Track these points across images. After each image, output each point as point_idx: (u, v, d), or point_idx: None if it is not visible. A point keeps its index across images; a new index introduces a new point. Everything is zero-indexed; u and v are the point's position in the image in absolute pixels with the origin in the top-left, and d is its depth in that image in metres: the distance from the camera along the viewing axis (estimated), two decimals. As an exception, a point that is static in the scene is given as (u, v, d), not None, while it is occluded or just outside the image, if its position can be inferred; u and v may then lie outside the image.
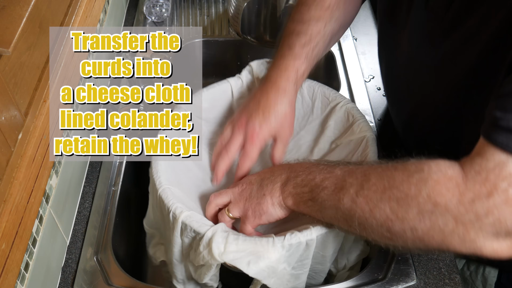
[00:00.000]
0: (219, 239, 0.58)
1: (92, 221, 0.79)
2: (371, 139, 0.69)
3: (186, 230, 0.61)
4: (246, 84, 0.80)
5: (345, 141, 0.74)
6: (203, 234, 0.59)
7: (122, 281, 0.71)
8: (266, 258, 0.56)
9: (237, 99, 0.81)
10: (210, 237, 0.58)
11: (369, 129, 0.71)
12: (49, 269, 0.68)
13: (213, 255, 0.57)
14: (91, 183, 0.84)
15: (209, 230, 0.59)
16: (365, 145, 0.69)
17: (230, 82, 0.80)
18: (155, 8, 1.15)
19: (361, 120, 0.72)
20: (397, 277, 0.71)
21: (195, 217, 0.61)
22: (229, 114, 0.81)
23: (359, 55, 1.10)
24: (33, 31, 0.61)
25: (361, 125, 0.71)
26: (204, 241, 0.59)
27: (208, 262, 0.59)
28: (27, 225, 0.58)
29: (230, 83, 0.80)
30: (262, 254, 0.57)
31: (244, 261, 0.57)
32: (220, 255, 0.57)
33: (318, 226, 0.58)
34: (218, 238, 0.58)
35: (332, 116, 0.76)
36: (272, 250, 0.56)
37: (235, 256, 0.57)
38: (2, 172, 0.53)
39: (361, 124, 0.72)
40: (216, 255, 0.57)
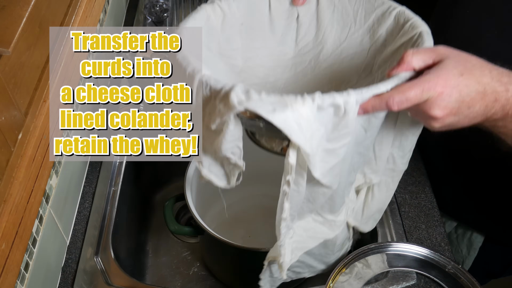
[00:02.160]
0: (239, 90, 0.49)
1: (92, 221, 0.79)
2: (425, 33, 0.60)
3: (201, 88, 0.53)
4: None
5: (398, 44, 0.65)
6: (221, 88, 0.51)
7: (122, 281, 0.71)
8: (295, 109, 0.47)
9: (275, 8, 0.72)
10: (228, 89, 0.50)
11: (422, 24, 0.62)
12: (49, 269, 0.68)
13: (230, 104, 0.48)
14: (91, 183, 0.84)
15: (227, 84, 0.50)
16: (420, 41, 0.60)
17: None
18: (155, 8, 1.15)
19: (414, 19, 0.63)
20: (397, 277, 0.71)
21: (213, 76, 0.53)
22: None
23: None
24: (33, 31, 0.61)
25: (414, 23, 0.62)
26: (222, 94, 0.51)
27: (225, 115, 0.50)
28: (27, 225, 0.58)
29: None
30: (290, 104, 0.47)
31: (268, 108, 0.47)
32: (240, 103, 0.48)
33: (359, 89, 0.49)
34: (238, 89, 0.49)
35: (382, 25, 0.68)
36: (301, 102, 0.47)
37: (257, 104, 0.47)
38: (2, 172, 0.53)
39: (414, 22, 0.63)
40: (235, 102, 0.48)
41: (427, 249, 0.71)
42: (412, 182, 0.85)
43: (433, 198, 0.84)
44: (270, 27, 0.74)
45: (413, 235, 0.78)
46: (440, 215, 0.83)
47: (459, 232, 0.96)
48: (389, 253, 0.72)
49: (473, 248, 0.94)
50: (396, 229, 0.79)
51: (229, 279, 0.93)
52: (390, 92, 0.49)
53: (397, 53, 0.64)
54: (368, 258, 0.71)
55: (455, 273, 0.69)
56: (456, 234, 0.96)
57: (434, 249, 0.72)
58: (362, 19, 0.70)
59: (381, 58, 0.67)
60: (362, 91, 0.49)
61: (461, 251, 0.95)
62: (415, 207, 0.83)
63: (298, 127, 0.47)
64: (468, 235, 0.94)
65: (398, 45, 0.64)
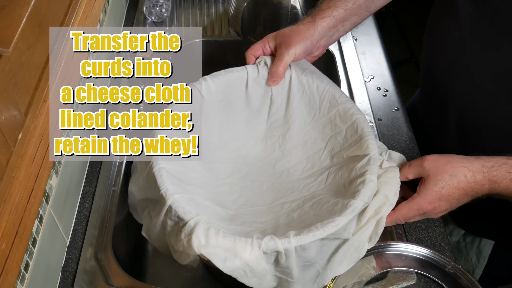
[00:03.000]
0: (200, 230, 0.58)
1: (92, 221, 0.79)
2: (373, 158, 0.69)
3: (170, 213, 0.62)
4: (262, 75, 0.80)
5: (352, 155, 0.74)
6: (186, 222, 0.60)
7: (122, 281, 0.71)
8: (243, 258, 0.57)
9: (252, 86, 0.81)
10: (192, 227, 0.59)
11: (374, 148, 0.71)
12: (49, 269, 0.68)
13: (191, 246, 0.57)
14: (91, 183, 0.84)
15: (192, 219, 0.60)
16: (367, 162, 0.69)
17: (248, 70, 0.80)
18: (155, 8, 1.15)
19: (369, 136, 0.72)
20: (397, 277, 0.71)
21: (182, 202, 0.62)
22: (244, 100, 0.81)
23: (359, 55, 1.10)
24: (33, 31, 0.61)
25: (369, 145, 0.71)
26: (186, 230, 0.59)
27: (186, 251, 0.59)
28: (27, 225, 0.58)
29: (247, 71, 0.80)
30: (239, 253, 0.57)
31: (221, 257, 0.57)
32: (198, 248, 0.57)
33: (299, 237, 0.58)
34: (199, 230, 0.58)
35: (344, 123, 0.76)
36: (249, 249, 0.57)
37: (213, 251, 0.57)
38: (2, 172, 0.53)
39: (368, 141, 0.71)
40: (194, 246, 0.57)
41: (427, 249, 0.71)
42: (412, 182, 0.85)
43: (433, 198, 0.84)
44: (246, 103, 0.82)
45: (413, 235, 0.78)
46: (447, 224, 0.83)
47: (467, 240, 0.95)
48: (389, 253, 0.72)
49: (483, 256, 0.93)
50: (396, 229, 0.79)
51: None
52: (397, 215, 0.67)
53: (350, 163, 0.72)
54: (368, 258, 0.71)
55: (455, 273, 0.69)
56: (465, 242, 0.96)
57: (434, 249, 0.72)
58: (326, 109, 0.79)
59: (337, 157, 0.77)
60: (301, 238, 0.58)
61: (470, 260, 0.95)
62: (415, 207, 0.82)
63: (244, 273, 0.58)
64: (477, 243, 0.93)
65: (352, 156, 0.73)
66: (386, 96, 1.01)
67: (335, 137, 0.78)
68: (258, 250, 0.57)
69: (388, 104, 1.00)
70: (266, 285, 0.62)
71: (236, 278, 0.59)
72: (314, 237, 0.59)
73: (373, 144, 0.71)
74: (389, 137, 0.93)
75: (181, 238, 0.60)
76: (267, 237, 0.58)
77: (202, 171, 0.75)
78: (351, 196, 0.64)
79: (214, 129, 0.81)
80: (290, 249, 0.58)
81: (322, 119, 0.79)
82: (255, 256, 0.57)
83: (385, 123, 0.96)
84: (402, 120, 0.97)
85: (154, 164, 0.66)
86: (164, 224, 0.65)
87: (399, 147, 0.92)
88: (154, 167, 0.65)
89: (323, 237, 0.59)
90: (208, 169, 0.78)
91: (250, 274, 0.59)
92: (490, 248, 0.92)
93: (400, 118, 0.97)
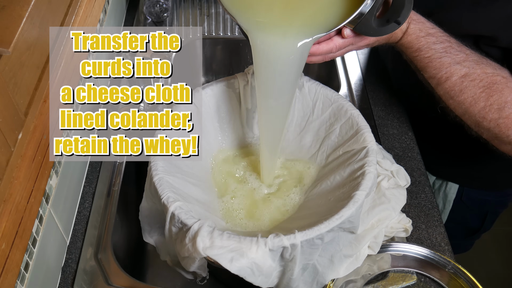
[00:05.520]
0: (205, 233, 0.58)
1: (92, 221, 0.79)
2: (371, 150, 0.70)
3: (174, 219, 0.63)
4: (251, 83, 0.80)
5: (348, 149, 0.74)
6: (190, 226, 0.60)
7: (122, 281, 0.71)
8: (250, 257, 0.57)
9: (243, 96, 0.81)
10: (196, 230, 0.59)
11: (371, 140, 0.71)
12: (49, 269, 0.68)
13: (196, 249, 0.58)
14: (91, 183, 0.84)
15: (195, 223, 0.60)
16: (364, 155, 0.70)
17: (238, 78, 0.81)
18: (155, 8, 1.15)
19: (365, 130, 0.73)
20: (397, 277, 0.71)
21: (184, 208, 0.62)
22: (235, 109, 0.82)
23: (359, 55, 1.10)
24: (33, 31, 0.61)
25: (364, 135, 0.72)
26: (190, 234, 0.60)
27: (192, 255, 0.60)
28: (27, 225, 0.58)
29: (237, 79, 0.81)
30: (245, 252, 0.57)
31: (227, 257, 0.57)
32: (204, 250, 0.58)
33: (304, 231, 0.59)
34: (204, 232, 0.58)
35: (338, 121, 0.77)
36: (255, 248, 0.57)
37: (218, 252, 0.58)
38: (2, 172, 0.53)
39: (365, 134, 0.72)
40: (200, 249, 0.58)
41: (427, 249, 0.71)
42: (412, 182, 0.85)
43: (433, 198, 0.84)
44: (239, 112, 0.83)
45: (413, 235, 0.78)
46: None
47: (436, 187, 1.01)
48: (389, 253, 0.72)
49: (448, 200, 0.99)
50: (396, 229, 0.79)
51: (229, 279, 0.93)
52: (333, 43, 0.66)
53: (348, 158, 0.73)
54: (368, 258, 0.71)
55: (455, 273, 0.69)
56: (434, 189, 1.00)
57: (434, 249, 0.72)
58: (319, 111, 0.80)
59: (333, 156, 0.77)
60: (307, 232, 0.59)
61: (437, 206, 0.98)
62: (415, 207, 0.83)
63: (251, 271, 0.59)
64: (443, 188, 0.99)
65: (349, 150, 0.74)
66: (386, 96, 1.01)
67: (328, 137, 0.78)
68: (264, 248, 0.58)
69: (388, 104, 1.00)
70: (270, 283, 0.62)
71: (243, 277, 0.58)
72: (319, 230, 0.59)
73: (370, 137, 0.72)
74: (389, 137, 0.93)
75: (185, 243, 0.60)
76: (272, 235, 0.58)
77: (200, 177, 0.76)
78: (352, 189, 0.65)
79: (211, 138, 0.82)
80: (296, 244, 0.58)
81: (316, 122, 0.80)
82: (261, 254, 0.58)
83: (385, 123, 0.96)
84: (402, 120, 0.97)
85: (154, 174, 0.66)
86: (170, 233, 0.65)
87: (399, 147, 0.92)
88: (154, 177, 0.66)
89: (328, 229, 0.59)
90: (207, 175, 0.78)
91: (257, 273, 0.59)
92: (455, 191, 0.98)
93: (400, 118, 0.97)
